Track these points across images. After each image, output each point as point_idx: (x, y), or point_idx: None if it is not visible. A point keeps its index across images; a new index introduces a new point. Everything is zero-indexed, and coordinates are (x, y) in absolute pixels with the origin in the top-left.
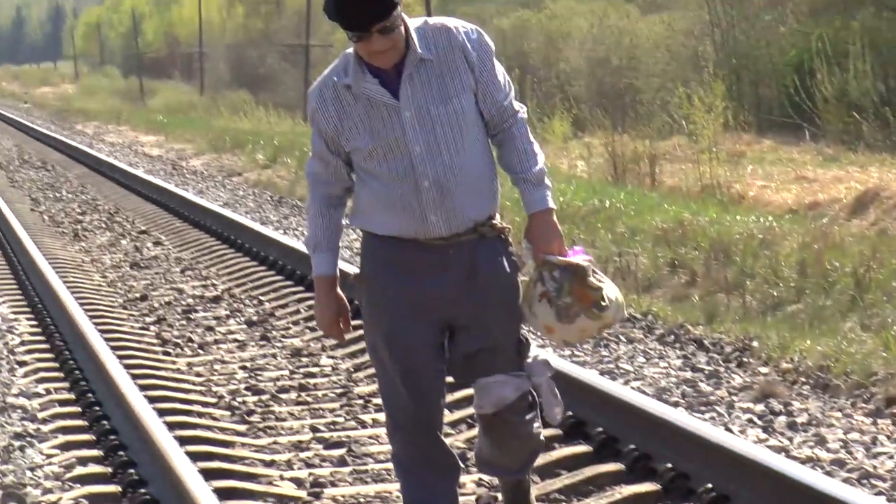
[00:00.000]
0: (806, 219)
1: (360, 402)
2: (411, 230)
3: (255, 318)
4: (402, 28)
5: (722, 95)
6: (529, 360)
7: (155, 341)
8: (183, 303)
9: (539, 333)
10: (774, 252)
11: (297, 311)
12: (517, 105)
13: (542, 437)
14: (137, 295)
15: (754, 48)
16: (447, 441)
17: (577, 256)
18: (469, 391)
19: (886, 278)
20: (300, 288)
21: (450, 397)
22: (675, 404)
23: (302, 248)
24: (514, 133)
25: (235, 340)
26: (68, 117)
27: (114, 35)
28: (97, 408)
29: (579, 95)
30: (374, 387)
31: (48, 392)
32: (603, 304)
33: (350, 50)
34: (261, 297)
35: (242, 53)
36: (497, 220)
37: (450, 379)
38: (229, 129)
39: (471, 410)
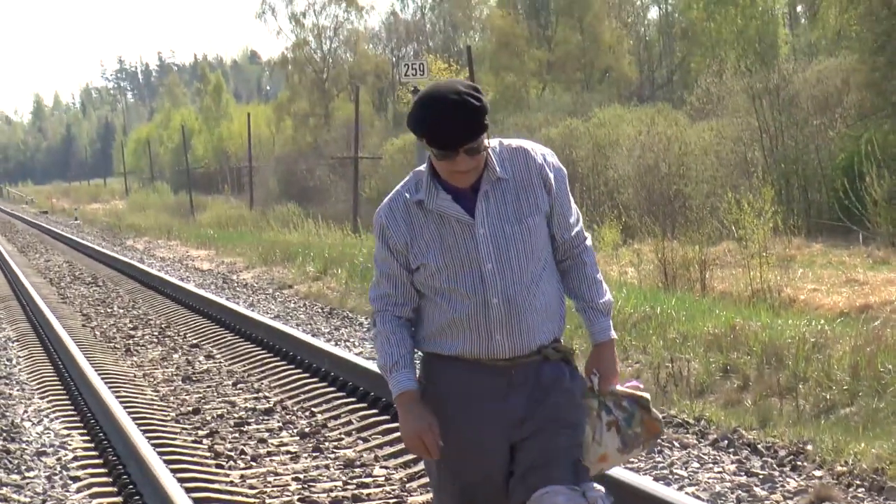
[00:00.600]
0: (857, 322)
1: None
2: (475, 350)
3: (307, 430)
4: (484, 150)
5: (771, 200)
6: (586, 482)
7: (208, 454)
8: (235, 415)
9: (588, 463)
10: (827, 355)
11: (350, 422)
12: (586, 232)
13: None
14: (190, 408)
15: (803, 152)
16: None
17: (635, 388)
18: None
19: None
20: (352, 399)
21: None
22: None
23: (353, 358)
24: (584, 260)
25: (288, 452)
26: (119, 233)
27: (163, 151)
28: None
29: (628, 202)
30: (428, 496)
31: None
32: (662, 434)
33: (421, 168)
34: (313, 409)
35: (291, 166)
36: (561, 343)
37: None
38: (279, 242)
39: None
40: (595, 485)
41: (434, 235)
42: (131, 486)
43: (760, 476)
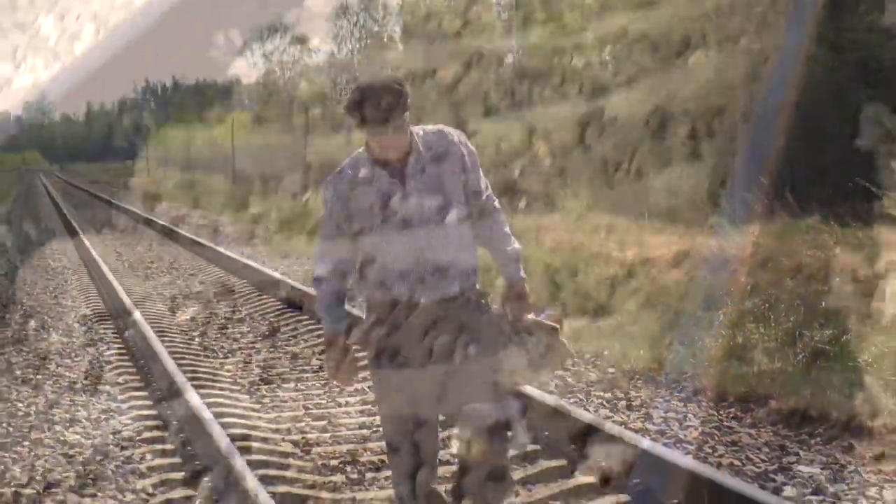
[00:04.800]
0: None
1: (338, 389)
2: (413, 295)
3: (266, 333)
4: (408, 129)
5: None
6: (506, 400)
7: (198, 348)
8: (218, 322)
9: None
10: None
11: (296, 328)
12: (494, 196)
13: (513, 480)
14: (188, 317)
15: None
16: None
17: (547, 318)
18: None
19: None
20: (296, 312)
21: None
22: (551, 392)
23: (296, 283)
24: (496, 217)
25: (253, 347)
26: (144, 199)
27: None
28: (158, 392)
29: None
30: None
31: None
32: (570, 358)
33: (360, 150)
34: (271, 319)
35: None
36: (479, 287)
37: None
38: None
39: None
40: (513, 401)
41: (374, 206)
42: (146, 366)
43: (571, 371)
